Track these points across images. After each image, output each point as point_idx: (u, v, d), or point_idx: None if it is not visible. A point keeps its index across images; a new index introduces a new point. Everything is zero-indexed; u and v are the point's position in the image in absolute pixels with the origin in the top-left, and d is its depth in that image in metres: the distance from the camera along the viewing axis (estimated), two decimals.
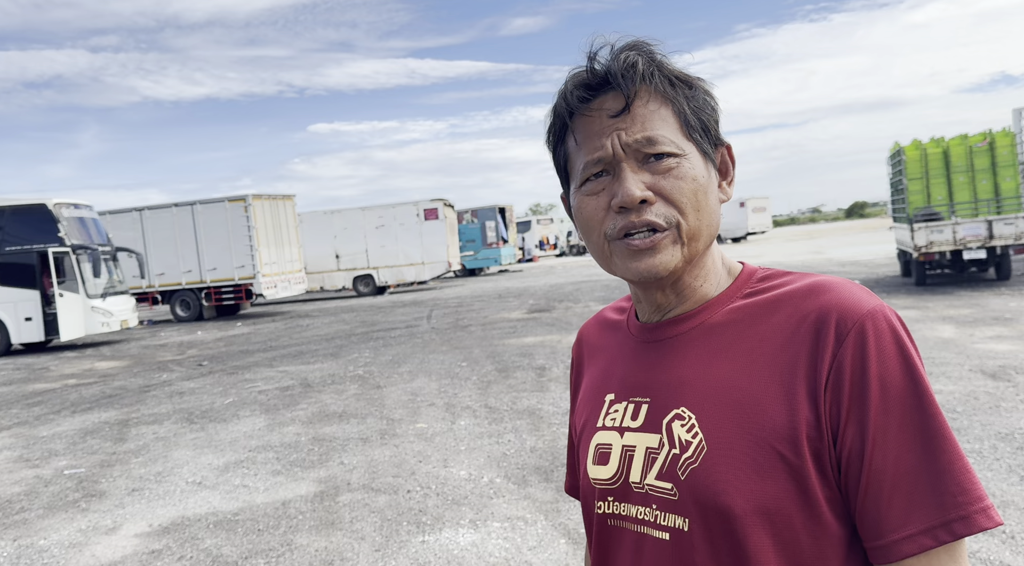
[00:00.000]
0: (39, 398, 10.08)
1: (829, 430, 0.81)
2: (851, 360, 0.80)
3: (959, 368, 7.06)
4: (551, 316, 14.22)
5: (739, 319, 0.90)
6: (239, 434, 7.02)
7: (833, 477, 0.82)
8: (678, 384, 0.89)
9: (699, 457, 0.84)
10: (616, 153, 0.87)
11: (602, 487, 0.94)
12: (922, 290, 13.43)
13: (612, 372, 1.00)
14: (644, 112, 0.87)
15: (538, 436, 6.04)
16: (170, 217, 21.37)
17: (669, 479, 0.86)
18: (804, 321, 0.84)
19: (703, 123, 0.90)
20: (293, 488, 5.31)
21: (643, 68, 0.87)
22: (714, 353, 0.89)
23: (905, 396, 0.79)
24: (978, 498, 0.78)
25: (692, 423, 0.86)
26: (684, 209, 0.86)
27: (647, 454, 0.89)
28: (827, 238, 43.04)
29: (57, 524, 5.00)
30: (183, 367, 11.91)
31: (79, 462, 6.54)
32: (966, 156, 13.96)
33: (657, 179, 0.86)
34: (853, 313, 0.82)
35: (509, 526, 4.31)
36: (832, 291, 0.85)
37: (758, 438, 0.82)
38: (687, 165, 0.87)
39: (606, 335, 1.06)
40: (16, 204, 16.10)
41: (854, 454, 0.80)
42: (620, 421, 0.94)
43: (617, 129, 0.87)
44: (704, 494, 0.83)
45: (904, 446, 0.79)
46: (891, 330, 0.81)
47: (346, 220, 26.09)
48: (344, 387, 8.90)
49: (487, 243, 32.74)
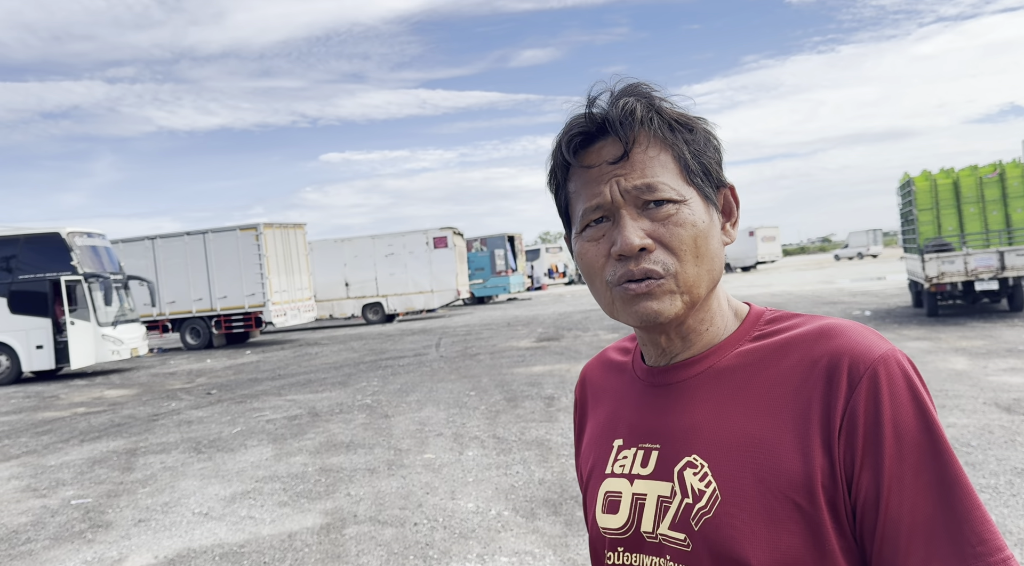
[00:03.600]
0: (48, 426, 10.09)
1: (843, 478, 0.79)
2: (864, 406, 0.79)
3: (973, 401, 6.98)
4: (560, 345, 14.17)
5: (749, 363, 0.88)
6: (246, 464, 6.99)
7: (848, 526, 0.80)
8: (689, 430, 0.88)
9: (713, 507, 0.83)
10: (615, 200, 0.86)
11: (612, 536, 0.92)
12: (934, 321, 13.33)
13: (619, 417, 0.98)
14: (643, 158, 0.86)
15: (547, 468, 5.99)
16: (182, 245, 21.53)
17: (683, 529, 0.84)
18: (815, 366, 0.83)
19: (704, 167, 0.89)
20: (299, 520, 5.27)
21: (641, 114, 0.87)
22: (724, 398, 0.87)
23: (920, 442, 0.78)
24: (997, 548, 0.76)
25: (705, 471, 0.85)
26: (683, 257, 0.85)
27: (659, 503, 0.87)
28: (837, 268, 42.87)
29: (63, 555, 4.97)
30: (192, 395, 11.91)
31: (86, 492, 6.52)
32: (976, 187, 13.94)
33: (656, 226, 0.86)
34: (865, 358, 0.81)
35: (517, 561, 4.26)
36: (843, 335, 0.84)
37: (772, 487, 0.80)
38: (687, 212, 0.86)
39: (611, 377, 1.05)
40: (30, 233, 16.27)
41: (869, 502, 0.78)
42: (629, 468, 0.92)
43: (616, 176, 0.87)
44: (719, 546, 0.81)
45: (920, 494, 0.77)
46: (904, 375, 0.80)
47: (356, 248, 26.21)
48: (352, 416, 8.87)
49: (496, 271, 32.78)
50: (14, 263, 16.10)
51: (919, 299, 15.31)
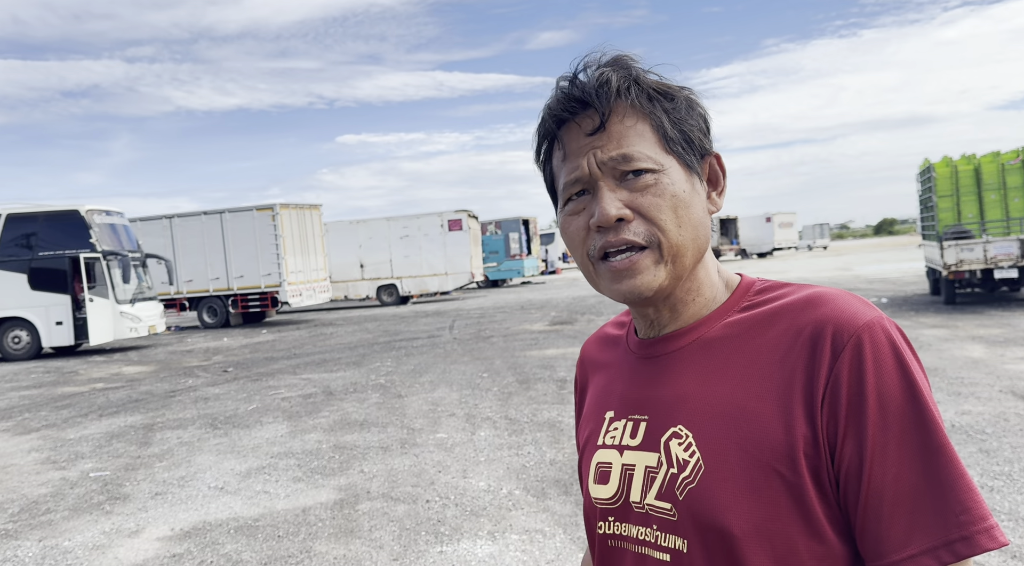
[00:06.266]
0: (67, 401, 10.24)
1: (826, 447, 0.79)
2: (848, 374, 0.78)
3: (989, 389, 6.93)
4: (573, 329, 14.18)
5: (736, 334, 0.88)
6: (261, 440, 7.07)
7: (832, 495, 0.80)
8: (675, 401, 0.88)
9: (697, 477, 0.83)
10: (592, 172, 0.86)
11: (603, 507, 0.93)
12: (951, 309, 13.21)
13: (612, 389, 0.99)
14: (620, 129, 0.85)
15: (558, 449, 6.02)
16: (199, 225, 21.67)
17: (668, 499, 0.85)
18: (800, 335, 0.83)
19: (685, 135, 0.87)
20: (313, 495, 5.34)
21: (617, 84, 0.86)
22: (711, 369, 0.87)
23: (904, 411, 0.77)
24: (981, 517, 0.76)
25: (689, 441, 0.85)
26: (664, 226, 0.85)
27: (646, 473, 0.88)
28: (855, 254, 42.52)
29: (81, 526, 5.07)
30: (208, 373, 12.03)
31: (104, 465, 6.63)
32: (998, 173, 13.75)
33: (635, 196, 0.85)
34: (849, 325, 0.80)
35: (527, 539, 4.30)
36: (828, 303, 0.83)
37: (755, 456, 0.80)
38: (666, 180, 0.85)
39: (607, 351, 1.06)
40: (50, 210, 16.44)
41: (852, 471, 0.78)
42: (620, 439, 0.93)
43: (593, 147, 0.86)
44: (702, 515, 0.82)
45: (904, 463, 0.77)
46: (889, 342, 0.79)
47: (371, 230, 26.28)
48: (366, 396, 8.94)
49: (510, 255, 32.78)
50: (34, 240, 16.28)
51: (936, 287, 15.16)
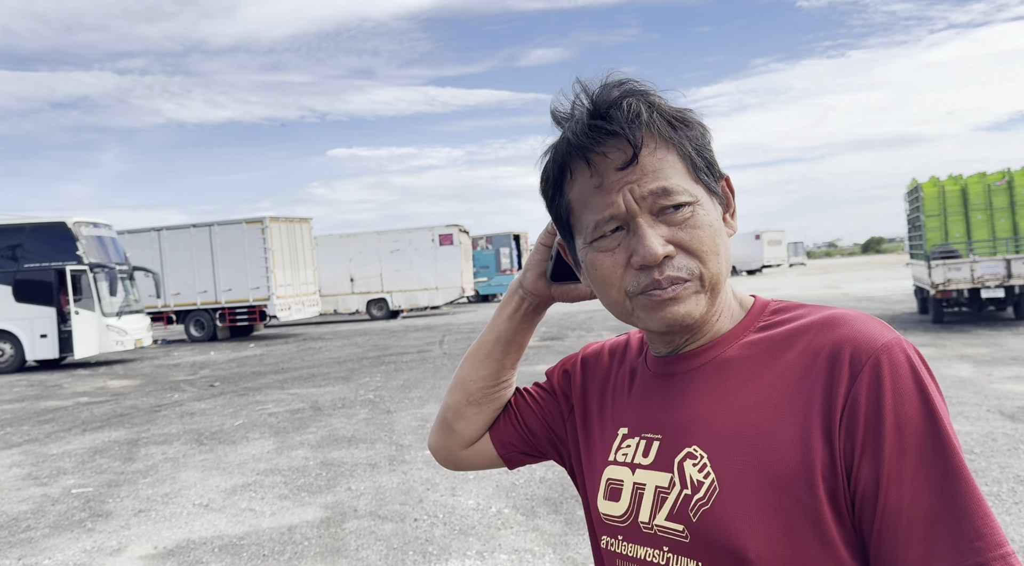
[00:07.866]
0: (51, 415, 10.11)
1: (843, 469, 0.78)
2: (866, 396, 0.77)
3: (977, 408, 6.95)
4: (563, 344, 14.16)
5: (753, 354, 0.87)
6: (248, 456, 6.99)
7: (848, 518, 0.79)
8: (690, 421, 0.87)
9: (711, 498, 0.82)
10: (630, 208, 0.83)
11: (612, 523, 0.92)
12: (939, 328, 13.28)
13: (623, 405, 0.98)
14: (652, 161, 0.83)
15: (548, 467, 5.98)
16: (188, 238, 21.56)
17: (680, 521, 0.84)
18: (818, 356, 0.82)
19: (707, 161, 0.87)
20: (300, 513, 5.27)
21: (646, 115, 0.83)
22: (727, 389, 0.86)
23: (922, 434, 0.76)
24: (997, 544, 0.74)
25: (704, 462, 0.84)
26: (705, 258, 0.84)
27: (657, 493, 0.87)
28: (843, 272, 42.78)
29: (62, 544, 4.98)
30: (195, 387, 11.92)
31: (87, 481, 6.53)
32: (984, 194, 13.89)
33: (675, 231, 0.83)
34: (868, 347, 0.79)
35: (517, 558, 4.25)
36: (847, 324, 0.82)
37: (771, 478, 0.79)
38: (701, 212, 0.84)
39: (614, 362, 1.05)
40: (36, 222, 16.32)
41: (868, 494, 0.77)
42: (631, 457, 0.92)
43: (627, 182, 0.83)
44: (716, 537, 0.80)
45: (920, 487, 0.76)
46: (908, 364, 0.78)
47: (361, 244, 26.23)
48: (354, 411, 8.87)
49: (501, 269, 32.78)
50: (20, 252, 16.14)
51: (924, 305, 15.26)
